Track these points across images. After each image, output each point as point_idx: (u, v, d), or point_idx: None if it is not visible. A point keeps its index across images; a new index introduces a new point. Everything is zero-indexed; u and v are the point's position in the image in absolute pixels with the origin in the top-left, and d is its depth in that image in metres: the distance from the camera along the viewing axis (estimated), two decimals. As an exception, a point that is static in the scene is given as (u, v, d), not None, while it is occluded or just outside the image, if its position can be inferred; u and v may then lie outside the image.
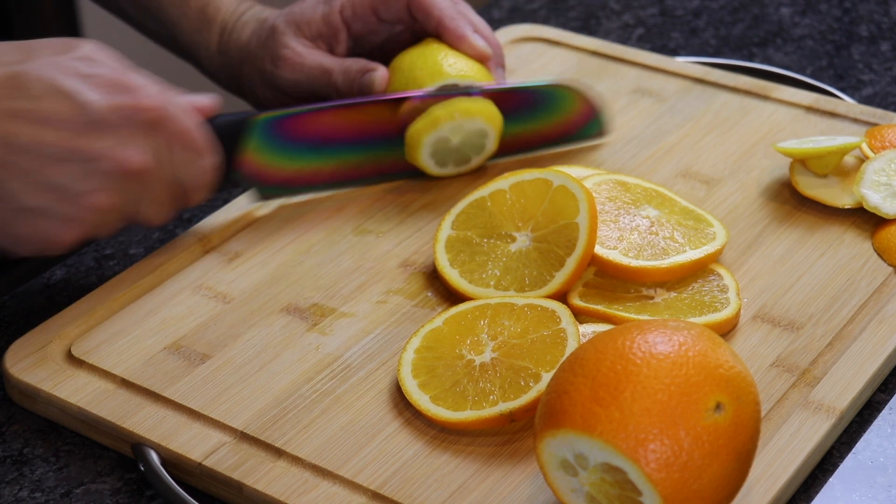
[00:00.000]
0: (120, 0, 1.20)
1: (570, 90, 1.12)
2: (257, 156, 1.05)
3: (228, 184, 1.04)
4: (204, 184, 0.97)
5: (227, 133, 1.02)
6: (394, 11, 1.12)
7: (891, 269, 1.00)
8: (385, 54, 1.15)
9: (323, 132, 1.07)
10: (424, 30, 1.13)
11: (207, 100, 1.00)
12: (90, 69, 0.92)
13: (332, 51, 1.13)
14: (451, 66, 1.09)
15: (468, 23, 1.11)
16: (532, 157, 1.13)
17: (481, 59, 1.10)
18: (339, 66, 1.10)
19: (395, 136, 1.08)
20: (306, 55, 1.11)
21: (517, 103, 1.10)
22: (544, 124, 1.12)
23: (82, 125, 0.90)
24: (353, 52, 1.14)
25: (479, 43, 1.10)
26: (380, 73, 1.09)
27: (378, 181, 1.10)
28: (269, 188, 1.07)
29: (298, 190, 1.08)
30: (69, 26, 1.78)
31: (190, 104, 0.98)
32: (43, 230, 0.92)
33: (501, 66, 1.13)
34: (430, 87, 1.08)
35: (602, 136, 1.14)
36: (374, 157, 1.09)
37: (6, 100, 0.90)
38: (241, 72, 1.15)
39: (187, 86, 1.05)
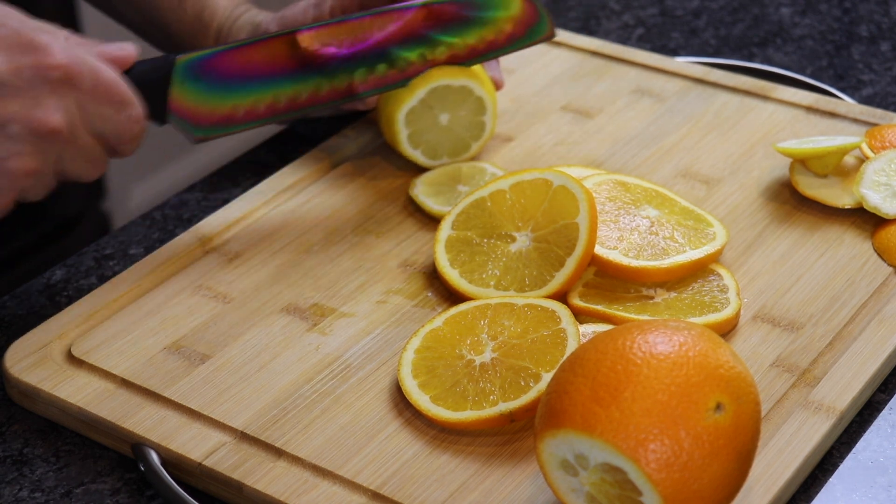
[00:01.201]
0: (118, 4, 1.20)
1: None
2: (186, 98, 1.02)
3: (163, 125, 1.02)
4: (133, 134, 0.95)
5: (151, 79, 1.00)
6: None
7: (891, 269, 1.00)
8: None
9: (251, 67, 1.04)
10: None
11: (122, 49, 0.97)
12: None
13: None
14: (440, 68, 1.09)
15: None
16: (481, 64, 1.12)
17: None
18: None
19: (326, 65, 1.06)
20: None
21: (458, 12, 1.08)
22: (489, 31, 1.09)
23: None
24: None
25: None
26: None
27: (316, 111, 1.07)
28: (205, 128, 1.03)
29: (237, 127, 1.05)
30: (69, 28, 1.78)
31: (105, 55, 0.95)
32: None
33: (496, 60, 1.13)
34: (422, 91, 1.07)
35: (549, 37, 1.11)
36: (309, 87, 1.06)
37: None
38: None
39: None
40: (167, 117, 1.02)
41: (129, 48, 0.98)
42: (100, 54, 0.95)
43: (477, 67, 1.10)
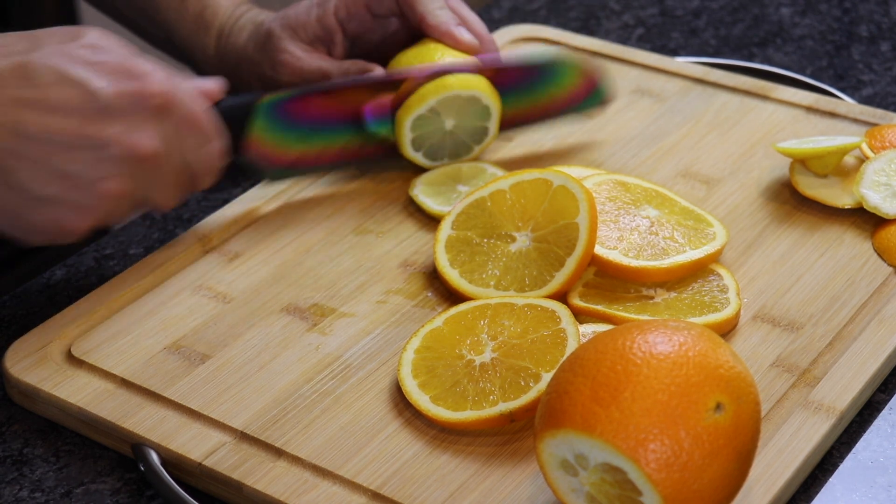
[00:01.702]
0: (118, 3, 1.20)
1: (570, 62, 1.12)
2: (263, 138, 1.05)
3: (236, 168, 1.04)
4: (212, 168, 0.98)
5: (234, 116, 1.02)
6: (385, 5, 1.12)
7: (891, 269, 1.00)
8: (382, 55, 1.15)
9: (327, 113, 1.07)
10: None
11: (214, 84, 1.00)
12: (97, 56, 0.92)
13: (329, 53, 1.13)
14: (445, 60, 1.08)
15: (452, 17, 1.11)
16: (536, 131, 1.14)
17: (469, 52, 1.10)
18: (337, 68, 1.10)
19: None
20: (305, 59, 1.11)
21: (517, 78, 1.10)
22: (546, 98, 1.12)
23: (91, 112, 0.90)
24: (350, 54, 1.14)
25: (465, 36, 1.10)
26: (377, 73, 1.09)
27: (384, 161, 1.10)
28: (276, 170, 1.07)
29: (306, 171, 1.09)
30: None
31: (196, 88, 0.98)
32: (55, 219, 0.92)
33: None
34: (432, 100, 1.08)
35: (605, 104, 1.14)
36: (378, 136, 1.09)
37: (15, 89, 0.90)
38: (239, 75, 1.15)
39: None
40: (242, 155, 1.04)
41: (218, 83, 1.00)
42: (192, 88, 0.97)
43: (480, 82, 1.10)
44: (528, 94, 1.12)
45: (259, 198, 1.09)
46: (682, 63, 1.24)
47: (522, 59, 1.12)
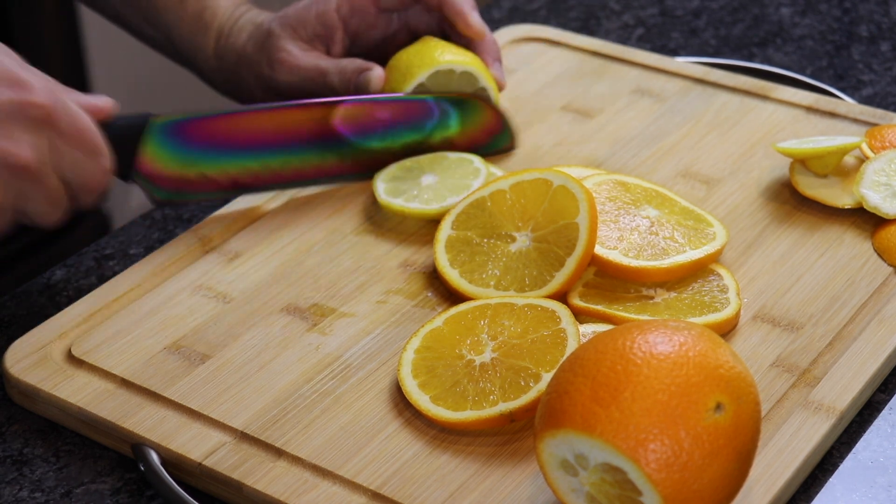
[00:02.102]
0: (118, 6, 1.20)
1: (478, 102, 1.10)
2: (156, 158, 1.03)
3: (131, 184, 1.03)
4: (97, 185, 0.96)
5: (127, 135, 1.01)
6: None
7: (891, 269, 1.00)
8: (381, 54, 1.15)
9: (221, 137, 1.05)
10: (420, 24, 1.13)
11: (103, 101, 0.98)
12: None
13: (328, 51, 1.13)
14: (445, 56, 1.09)
15: (469, 1, 1.11)
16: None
17: (476, 37, 1.10)
18: (334, 66, 1.10)
19: (311, 141, 1.07)
20: (302, 57, 1.11)
21: (425, 113, 1.09)
22: (451, 134, 1.10)
23: None
24: (349, 52, 1.14)
25: (476, 21, 1.10)
26: (376, 72, 1.09)
27: (280, 188, 1.08)
28: (166, 192, 1.04)
29: (199, 195, 1.06)
30: (69, 31, 1.79)
31: (85, 104, 0.96)
32: None
33: (498, 60, 1.13)
34: (421, 76, 1.07)
35: (510, 149, 1.13)
36: (284, 162, 1.07)
37: None
38: (239, 76, 1.15)
39: (184, 91, 1.05)
40: (133, 176, 1.02)
41: (108, 101, 0.99)
42: (80, 102, 0.96)
43: (477, 61, 1.10)
44: (434, 129, 1.10)
45: (259, 198, 1.09)
46: (682, 63, 1.24)
47: (432, 94, 1.09)
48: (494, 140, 1.12)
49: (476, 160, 1.08)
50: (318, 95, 1.11)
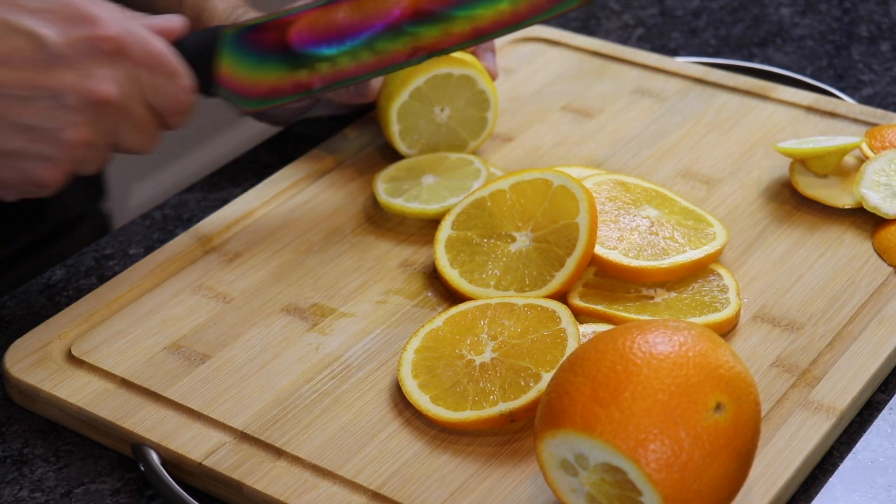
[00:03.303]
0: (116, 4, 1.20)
1: None
2: (234, 69, 1.02)
3: (214, 97, 1.02)
4: (182, 106, 0.96)
5: (199, 51, 1.00)
6: None
7: (891, 269, 1.00)
8: None
9: (296, 38, 1.04)
10: None
11: (172, 20, 0.98)
12: (44, 3, 0.90)
13: None
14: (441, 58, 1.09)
15: None
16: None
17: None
18: None
19: (377, 29, 1.05)
20: None
21: None
22: (513, 2, 1.06)
23: (42, 61, 0.89)
24: None
25: None
26: None
27: (366, 77, 1.06)
28: (254, 100, 1.04)
29: (284, 98, 1.05)
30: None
31: (155, 26, 0.96)
32: (23, 172, 0.91)
33: (491, 51, 1.13)
34: (419, 80, 1.07)
35: (583, 4, 1.07)
36: (352, 56, 1.05)
37: None
38: None
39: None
40: (215, 89, 1.02)
41: (177, 20, 0.98)
42: (149, 26, 0.95)
43: (475, 62, 1.10)
44: None
45: (259, 198, 1.09)
46: (682, 63, 1.24)
47: None
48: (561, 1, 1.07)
49: (476, 161, 1.08)
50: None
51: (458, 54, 1.09)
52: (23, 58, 0.89)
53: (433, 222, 1.05)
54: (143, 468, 0.87)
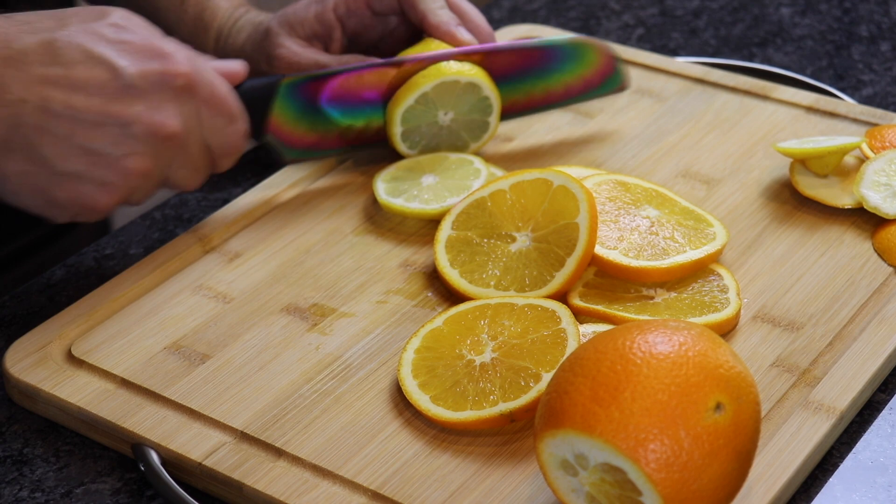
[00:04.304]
0: (117, 5, 1.20)
1: (589, 44, 1.12)
2: (285, 119, 1.06)
3: (260, 147, 1.06)
4: (234, 149, 0.99)
5: (256, 98, 1.04)
6: (386, 3, 1.12)
7: (891, 269, 1.00)
8: (380, 53, 1.15)
9: (346, 94, 1.08)
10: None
11: (237, 65, 1.02)
12: (122, 35, 0.94)
13: (326, 50, 1.13)
14: (451, 67, 1.08)
15: (453, 17, 1.11)
16: (536, 131, 1.15)
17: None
18: (336, 61, 1.10)
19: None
20: (302, 53, 1.11)
21: (536, 61, 1.11)
22: (564, 80, 1.13)
23: (115, 90, 0.92)
24: (347, 52, 1.14)
25: (465, 36, 1.10)
26: (404, 56, 1.09)
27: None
28: (297, 151, 1.08)
29: (326, 153, 1.10)
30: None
31: (220, 69, 0.99)
32: (79, 195, 0.93)
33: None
34: (426, 86, 1.08)
35: (622, 89, 1.15)
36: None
37: (41, 66, 0.91)
38: None
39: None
40: (265, 136, 1.06)
41: (241, 66, 1.02)
42: (215, 68, 0.99)
43: (480, 71, 1.10)
44: (546, 76, 1.12)
45: (259, 198, 1.09)
46: (683, 63, 1.24)
47: (541, 41, 1.12)
48: (607, 81, 1.14)
49: (476, 161, 1.08)
50: None
51: (465, 65, 1.09)
52: (98, 85, 0.91)
53: (433, 222, 1.05)
54: (143, 468, 0.87)
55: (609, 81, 1.14)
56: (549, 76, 1.12)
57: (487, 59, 1.10)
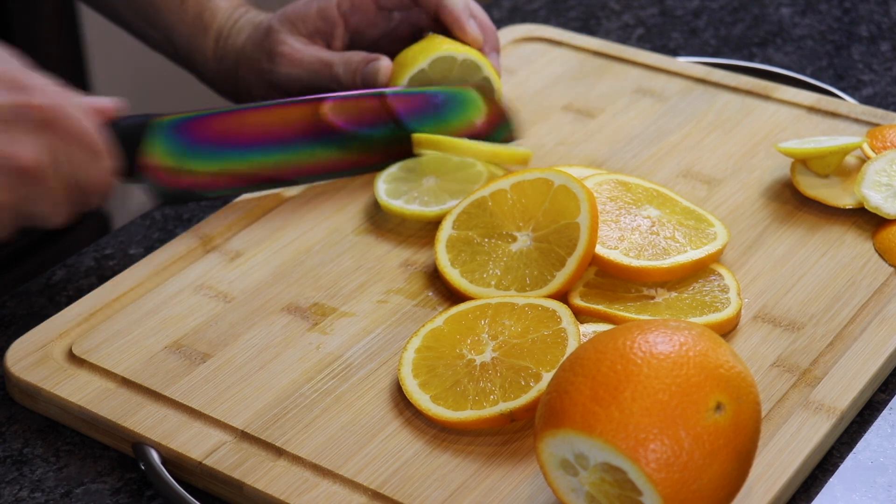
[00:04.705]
0: (118, 6, 1.20)
1: (479, 94, 1.10)
2: (161, 159, 1.03)
3: (134, 184, 1.03)
4: (100, 186, 0.96)
5: (131, 135, 1.01)
6: None
7: (892, 269, 1.00)
8: (381, 51, 1.15)
9: (229, 135, 1.06)
10: (421, 20, 1.13)
11: (109, 102, 0.99)
12: None
13: (328, 46, 1.13)
14: (446, 45, 1.09)
15: (467, 8, 1.11)
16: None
17: (472, 45, 1.11)
18: (339, 57, 1.10)
19: (314, 136, 1.07)
20: (304, 50, 1.11)
21: (425, 106, 1.09)
22: (452, 127, 1.10)
23: None
24: (349, 49, 1.14)
25: (473, 30, 1.10)
26: (383, 62, 1.09)
27: (283, 185, 1.09)
28: (171, 192, 1.05)
29: (202, 193, 1.07)
30: (69, 32, 1.78)
31: (90, 105, 0.97)
32: None
33: (496, 50, 1.13)
34: (422, 63, 1.08)
35: (512, 139, 1.12)
36: (286, 159, 1.08)
37: None
38: (238, 76, 1.15)
39: (184, 91, 1.05)
40: (136, 176, 1.03)
41: (112, 102, 0.99)
42: (83, 104, 0.96)
43: (479, 53, 1.10)
44: (434, 122, 1.09)
45: (260, 198, 1.09)
46: (684, 63, 1.24)
47: (430, 88, 1.10)
48: (495, 133, 1.11)
49: (479, 164, 1.08)
50: (320, 89, 1.10)
51: (463, 45, 1.10)
52: None
53: (434, 222, 1.05)
54: (143, 467, 0.87)
55: (497, 132, 1.11)
56: (434, 123, 1.09)
57: (387, 102, 1.08)
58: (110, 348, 0.95)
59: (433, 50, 1.08)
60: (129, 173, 1.02)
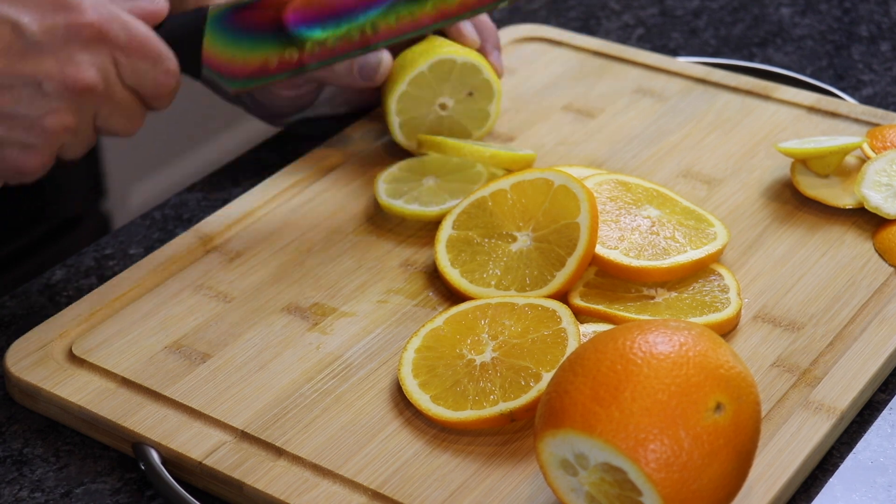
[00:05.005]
0: None
1: None
2: (220, 50, 1.02)
3: (198, 78, 1.03)
4: (167, 88, 0.96)
5: (186, 33, 1.00)
6: None
7: (892, 269, 1.00)
8: None
9: (285, 18, 1.04)
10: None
11: (154, 4, 0.98)
12: None
13: None
14: (446, 47, 1.09)
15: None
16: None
17: (470, 46, 1.10)
18: None
19: (347, 13, 1.05)
20: None
21: None
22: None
23: (21, 49, 0.89)
24: None
25: (470, 33, 1.10)
26: (384, 54, 1.08)
27: (354, 55, 1.06)
28: (240, 80, 1.04)
29: (270, 78, 1.05)
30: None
31: (140, 10, 0.96)
32: (5, 159, 0.92)
33: (497, 48, 1.13)
34: (421, 66, 1.07)
35: (508, 1, 1.08)
36: (342, 35, 1.05)
37: None
38: None
39: (185, 91, 1.05)
40: (201, 70, 1.02)
41: (161, 3, 0.98)
42: (131, 10, 0.96)
43: (479, 55, 1.10)
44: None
45: (260, 197, 1.09)
46: (684, 63, 1.24)
47: None
48: None
49: (479, 164, 1.08)
50: (321, 82, 1.10)
51: (463, 48, 1.09)
52: (2, 46, 0.89)
53: (434, 222, 1.05)
54: (143, 467, 0.87)
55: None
56: None
57: None
58: (110, 348, 0.95)
59: (433, 53, 1.08)
60: (193, 70, 1.02)
